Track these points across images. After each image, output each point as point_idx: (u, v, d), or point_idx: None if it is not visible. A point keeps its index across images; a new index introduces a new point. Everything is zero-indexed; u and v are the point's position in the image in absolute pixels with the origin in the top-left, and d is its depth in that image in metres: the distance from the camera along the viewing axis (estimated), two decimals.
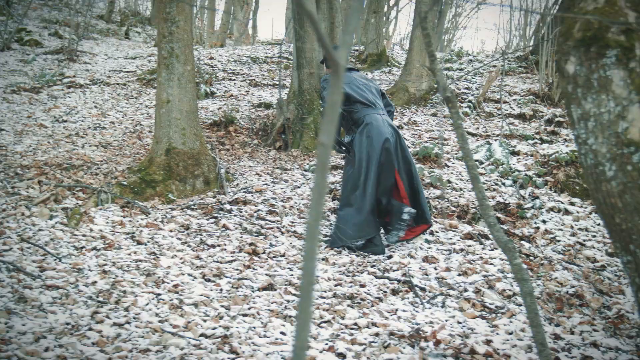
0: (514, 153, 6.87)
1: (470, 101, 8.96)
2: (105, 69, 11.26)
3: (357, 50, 13.47)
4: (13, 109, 8.19)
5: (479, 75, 10.87)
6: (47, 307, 3.37)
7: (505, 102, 9.01)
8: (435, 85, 9.75)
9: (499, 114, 8.43)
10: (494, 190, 5.96)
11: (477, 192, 2.27)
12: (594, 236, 5.05)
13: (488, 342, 3.23)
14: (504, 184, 6.12)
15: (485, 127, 7.91)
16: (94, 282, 3.77)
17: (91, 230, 4.68)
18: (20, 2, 16.94)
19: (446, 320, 3.56)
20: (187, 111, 5.88)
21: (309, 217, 0.95)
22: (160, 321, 3.35)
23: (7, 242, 4.18)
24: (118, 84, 10.12)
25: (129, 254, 4.29)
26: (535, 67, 10.87)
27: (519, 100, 9.17)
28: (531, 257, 4.62)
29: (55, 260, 4.06)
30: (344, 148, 4.92)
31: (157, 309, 3.50)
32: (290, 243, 4.73)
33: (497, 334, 3.39)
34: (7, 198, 4.99)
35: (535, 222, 5.29)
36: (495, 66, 10.55)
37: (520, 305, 3.78)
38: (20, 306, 3.34)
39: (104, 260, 4.13)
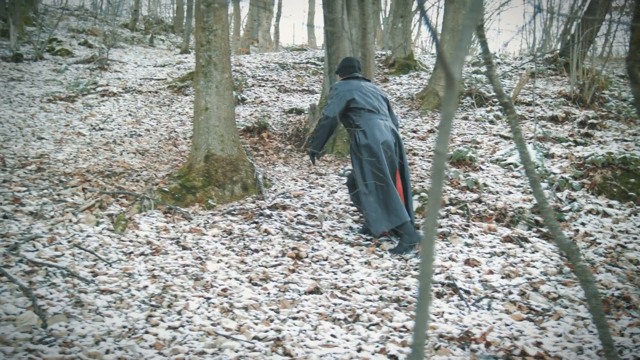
0: (548, 156, 6.85)
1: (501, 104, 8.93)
2: (136, 77, 11.46)
3: (384, 54, 13.50)
4: (51, 118, 8.39)
5: (508, 78, 10.84)
6: (104, 311, 3.47)
7: (537, 104, 8.98)
8: (465, 89, 9.75)
9: (531, 117, 8.40)
10: (530, 193, 5.95)
11: (537, 195, 2.31)
12: (635, 238, 5.03)
13: (538, 344, 3.25)
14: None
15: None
16: (145, 287, 3.86)
17: (137, 236, 4.79)
18: (46, 12, 17.30)
19: (494, 323, 3.59)
20: (225, 118, 5.98)
21: (426, 221, 1.01)
22: (212, 324, 3.43)
23: (58, 248, 4.30)
24: (150, 92, 10.30)
25: (176, 259, 4.39)
26: (565, 69, 10.80)
27: (550, 102, 9.13)
28: None
29: (106, 265, 4.17)
30: (315, 158, 5.32)
31: (209, 312, 3.58)
32: (332, 247, 4.79)
33: (546, 336, 3.40)
34: (54, 205, 5.13)
35: (575, 225, 5.27)
36: (524, 69, 10.51)
37: (566, 307, 3.79)
38: (77, 310, 3.45)
39: (153, 265, 4.23)
